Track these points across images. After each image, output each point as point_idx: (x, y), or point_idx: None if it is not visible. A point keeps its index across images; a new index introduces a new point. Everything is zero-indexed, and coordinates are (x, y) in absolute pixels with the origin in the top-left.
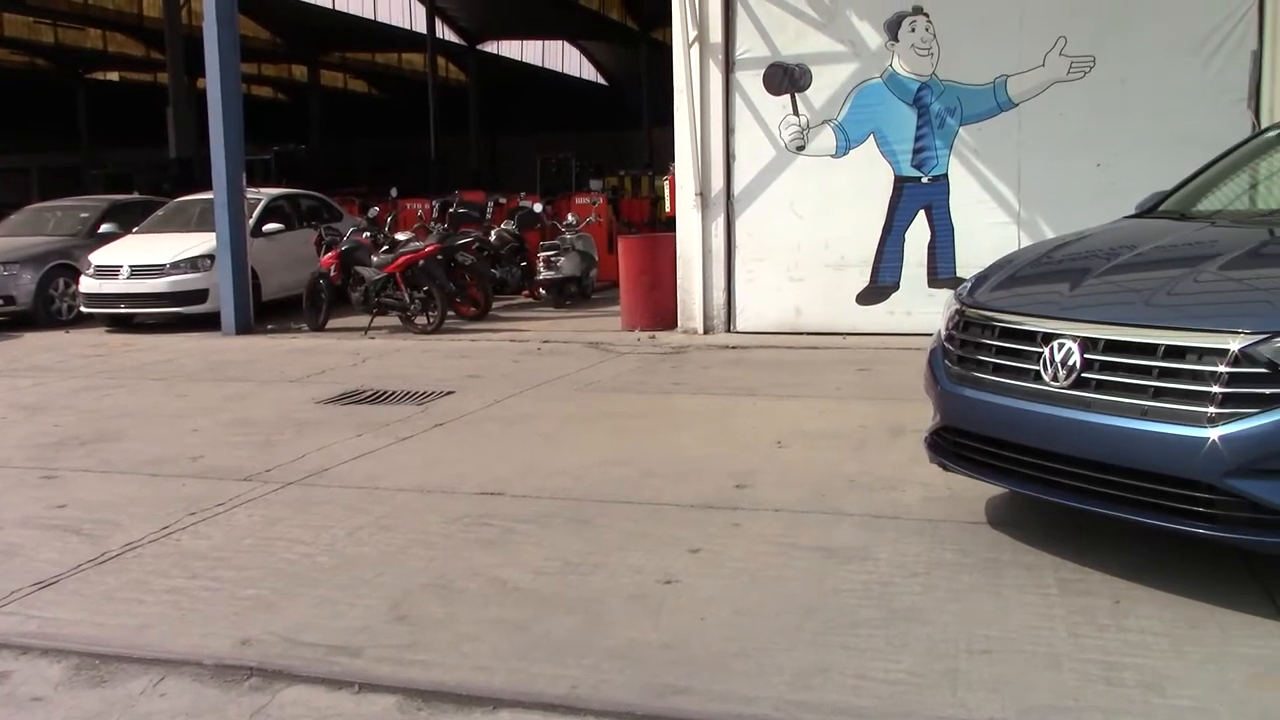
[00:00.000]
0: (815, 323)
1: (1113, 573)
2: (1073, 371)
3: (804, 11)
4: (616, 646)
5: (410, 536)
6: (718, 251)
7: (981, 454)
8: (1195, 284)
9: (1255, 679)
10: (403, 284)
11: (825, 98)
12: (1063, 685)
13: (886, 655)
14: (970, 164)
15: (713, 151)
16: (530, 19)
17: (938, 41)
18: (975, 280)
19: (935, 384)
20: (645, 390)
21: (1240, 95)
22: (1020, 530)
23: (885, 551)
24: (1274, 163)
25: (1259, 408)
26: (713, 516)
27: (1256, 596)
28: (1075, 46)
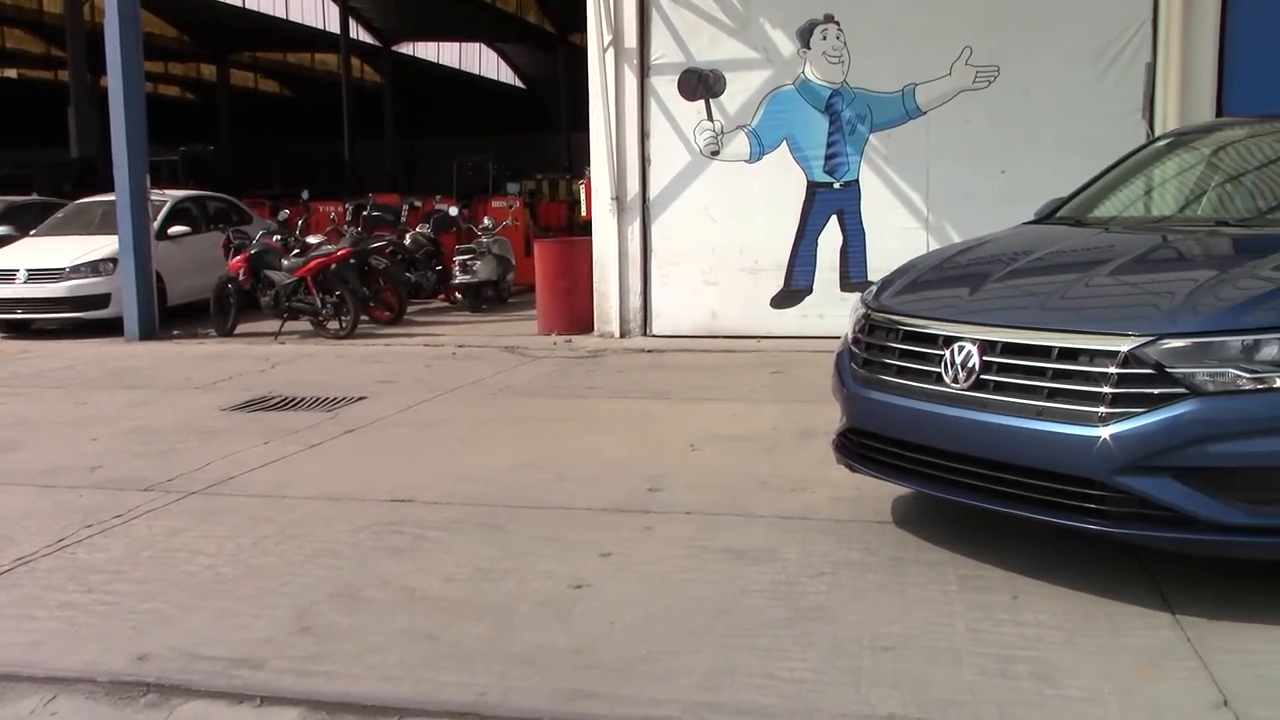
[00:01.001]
0: (730, 326)
1: (1011, 569)
2: (972, 373)
3: (718, 18)
4: (526, 652)
5: (317, 545)
6: (634, 255)
7: (886, 455)
8: (1087, 288)
9: (1141, 669)
10: (314, 288)
11: (739, 104)
12: (961, 679)
13: (793, 654)
14: (880, 170)
15: (628, 156)
16: (446, 21)
17: (849, 49)
18: (880, 285)
19: (842, 387)
20: (560, 394)
21: (1136, 106)
22: (924, 529)
23: (794, 552)
24: (1165, 171)
25: (1146, 407)
26: (625, 520)
27: (1145, 589)
28: (980, 57)
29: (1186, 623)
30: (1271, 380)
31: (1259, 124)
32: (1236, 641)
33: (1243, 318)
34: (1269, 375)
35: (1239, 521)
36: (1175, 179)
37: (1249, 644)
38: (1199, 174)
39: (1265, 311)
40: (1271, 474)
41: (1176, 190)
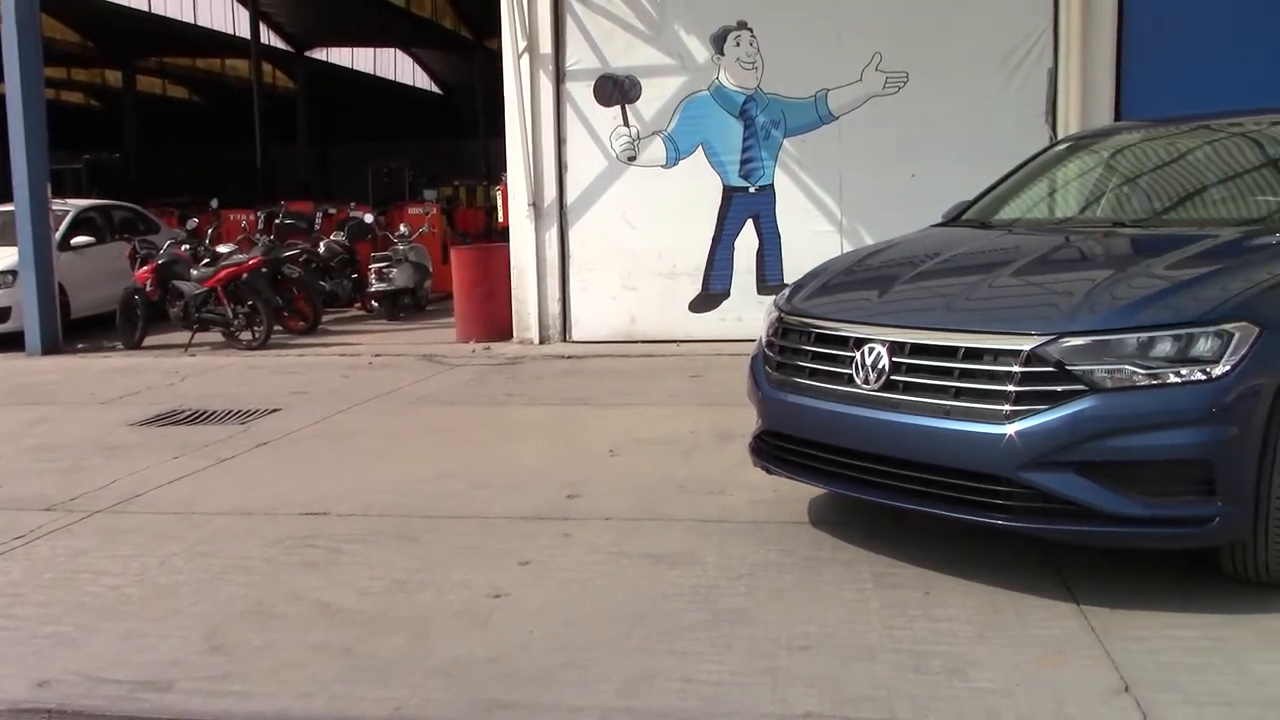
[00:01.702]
0: (650, 331)
1: (924, 565)
2: (882, 374)
3: (633, 24)
4: (443, 664)
5: (228, 562)
6: (552, 261)
7: (801, 456)
8: (991, 289)
9: (1046, 659)
10: (225, 298)
11: (655, 109)
12: (876, 676)
13: (711, 657)
14: (795, 174)
15: (545, 162)
16: (361, 26)
17: (761, 56)
18: (793, 288)
19: (756, 389)
20: (479, 402)
21: (1039, 110)
22: (840, 529)
23: (712, 555)
24: (1065, 174)
25: (1049, 404)
26: (544, 527)
27: (1051, 581)
28: (890, 62)
29: (1090, 612)
30: (1165, 376)
31: (1153, 128)
32: (1136, 629)
33: (1138, 315)
34: (1163, 371)
35: (1135, 513)
36: (1075, 181)
37: (1148, 631)
38: (1097, 176)
39: (1159, 309)
40: (1165, 466)
41: (1076, 192)
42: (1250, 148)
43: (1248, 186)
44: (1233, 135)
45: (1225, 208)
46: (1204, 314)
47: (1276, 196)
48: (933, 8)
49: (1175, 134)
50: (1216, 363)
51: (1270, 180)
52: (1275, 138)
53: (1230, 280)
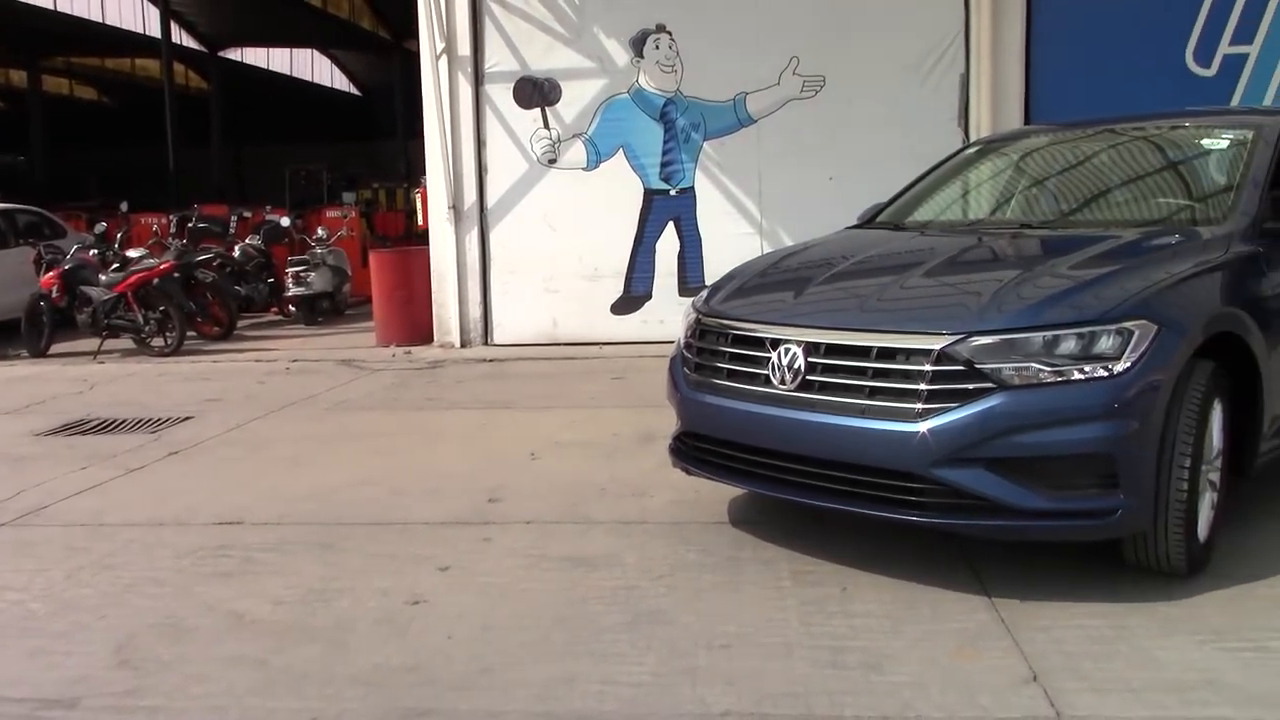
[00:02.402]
0: (572, 333)
1: (842, 562)
2: (798, 375)
3: (552, 27)
4: (360, 673)
5: (138, 574)
6: (473, 265)
7: (720, 457)
8: (902, 290)
9: (960, 651)
10: (135, 304)
11: (575, 112)
12: (794, 673)
13: (631, 659)
14: (715, 177)
15: (465, 164)
16: (276, 26)
17: (681, 59)
18: (710, 290)
19: (675, 391)
20: (398, 407)
21: (953, 114)
22: (760, 528)
23: (633, 557)
24: (976, 176)
25: (959, 402)
26: (464, 533)
27: (965, 575)
28: (807, 66)
29: (1001, 605)
30: (1070, 373)
31: (1060, 131)
32: (1045, 619)
33: (1043, 314)
34: (1067, 368)
35: (1043, 507)
36: (985, 184)
37: (1056, 621)
38: (1007, 179)
39: (1063, 308)
40: (1070, 461)
41: (987, 194)
42: (1151, 151)
43: (1149, 189)
44: (1135, 139)
45: (1127, 209)
46: (1105, 313)
47: (1175, 198)
48: (848, 14)
49: (1081, 137)
50: (1118, 360)
51: (1170, 182)
52: (1174, 141)
53: (1130, 280)
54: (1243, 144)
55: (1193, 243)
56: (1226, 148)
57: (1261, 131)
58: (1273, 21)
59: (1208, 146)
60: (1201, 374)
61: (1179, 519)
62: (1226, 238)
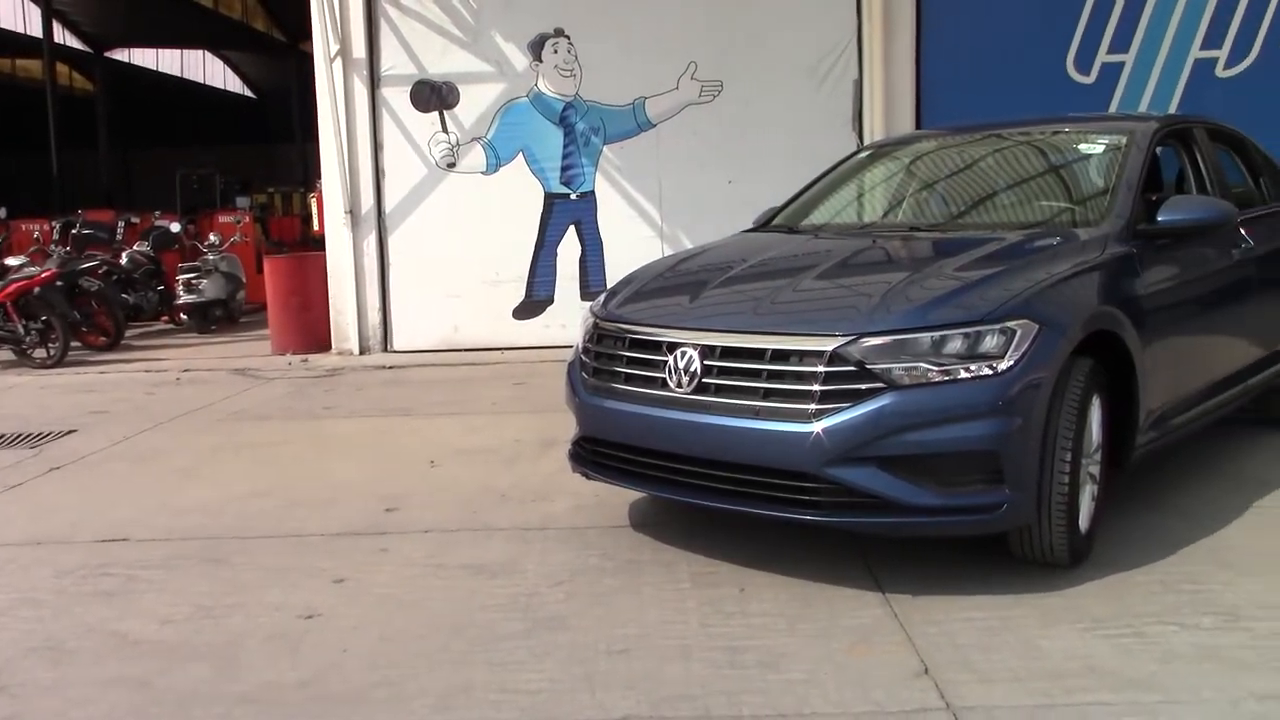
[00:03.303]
0: (474, 339)
1: (741, 563)
2: (694, 377)
3: (449, 30)
4: (250, 691)
5: (14, 596)
6: (371, 270)
7: (619, 461)
8: (795, 293)
9: (854, 647)
10: (15, 314)
11: (475, 116)
12: (692, 674)
13: (529, 666)
14: (616, 181)
15: (361, 168)
16: (165, 27)
17: (580, 63)
18: (608, 294)
19: (574, 396)
20: (294, 416)
21: (847, 118)
22: (660, 530)
23: (533, 563)
24: (868, 180)
25: (851, 402)
26: (360, 543)
27: (860, 573)
28: (705, 71)
29: (894, 600)
30: (956, 372)
31: (948, 136)
32: (936, 614)
33: (930, 315)
34: (954, 367)
35: (932, 503)
36: (876, 187)
37: (947, 614)
38: (898, 182)
39: (951, 308)
40: (957, 458)
41: (878, 198)
42: (1034, 155)
43: (1031, 192)
44: (1019, 143)
45: (1012, 212)
46: (990, 313)
47: (1056, 201)
48: (744, 20)
49: (968, 142)
50: (1001, 358)
51: (1051, 186)
52: (1055, 146)
53: (1013, 280)
54: (1117, 149)
55: (1072, 244)
56: (1102, 152)
57: (1134, 137)
58: (1147, 31)
59: (1085, 151)
60: (1081, 371)
61: (1061, 512)
62: (1103, 239)
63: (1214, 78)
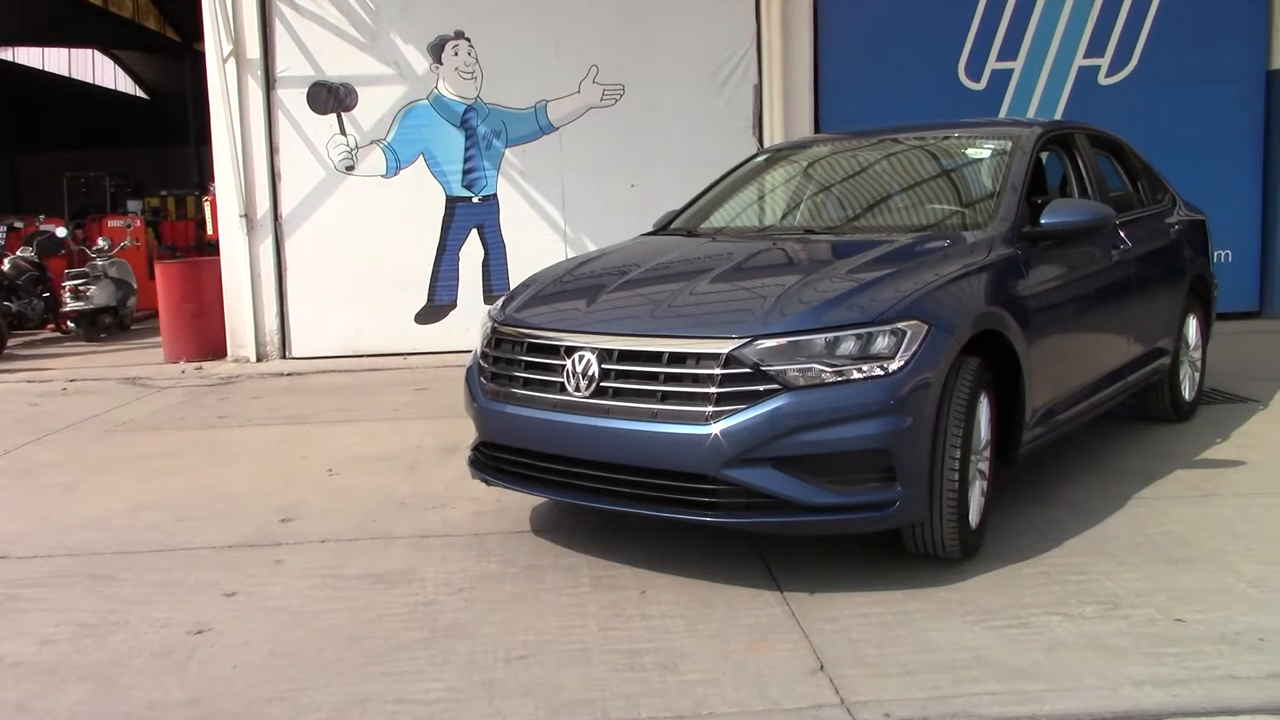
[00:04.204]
0: (375, 344)
1: (642, 566)
2: (593, 381)
3: (347, 31)
4: (134, 711)
5: None
6: (268, 275)
7: (519, 466)
8: (692, 296)
9: (752, 645)
10: None
11: (374, 118)
12: (591, 678)
13: (428, 675)
14: (518, 184)
15: (257, 171)
16: (51, 25)
17: (480, 66)
18: (506, 299)
19: (473, 401)
20: (187, 426)
21: (747, 123)
22: (562, 535)
23: (432, 571)
24: (765, 184)
25: (747, 404)
26: (253, 555)
27: (758, 571)
28: (607, 75)
29: (792, 598)
30: (849, 373)
31: (843, 140)
32: (832, 610)
33: (823, 317)
34: (847, 368)
35: (827, 502)
36: (773, 191)
37: (843, 611)
38: (795, 186)
39: (843, 310)
40: (851, 457)
41: (775, 201)
42: (926, 159)
43: (923, 195)
44: (911, 148)
45: (904, 215)
46: (880, 314)
47: (946, 204)
48: (646, 24)
49: (862, 146)
50: (892, 358)
51: (941, 189)
52: (946, 150)
53: (903, 282)
54: (1003, 153)
55: (959, 246)
56: (989, 157)
57: (1019, 142)
58: (1033, 40)
59: (973, 156)
60: (969, 370)
61: (952, 508)
62: (989, 241)
63: (1097, 85)
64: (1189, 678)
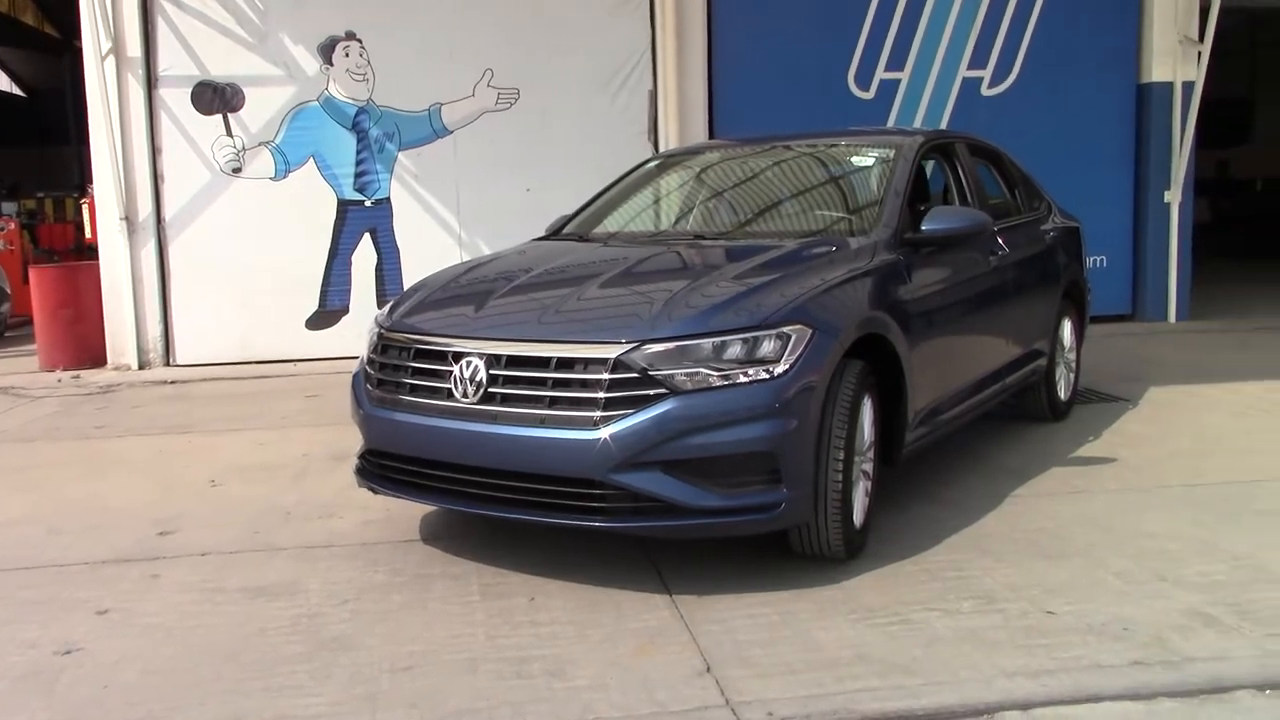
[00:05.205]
0: (264, 351)
1: (531, 572)
2: (480, 387)
3: (233, 30)
4: None
5: None
6: (150, 280)
7: (406, 474)
8: (580, 301)
9: (640, 650)
10: None
11: (262, 120)
12: (477, 687)
13: (309, 690)
14: (412, 188)
15: (138, 172)
16: None
17: (372, 67)
18: (393, 304)
19: (359, 408)
20: (63, 437)
21: (643, 128)
22: (451, 543)
23: (317, 582)
24: (657, 189)
25: (635, 408)
26: (128, 570)
27: (648, 575)
28: (502, 78)
29: (681, 602)
30: (736, 376)
31: (735, 147)
32: (719, 612)
33: (710, 321)
34: (733, 372)
35: (715, 505)
36: (665, 197)
37: (729, 613)
38: (686, 192)
39: (730, 315)
40: (738, 459)
41: (667, 207)
42: (815, 166)
43: (810, 201)
44: (801, 155)
45: (792, 221)
46: (766, 318)
47: (832, 211)
48: (541, 27)
49: (753, 153)
50: (777, 362)
51: (828, 196)
52: (834, 158)
53: (789, 286)
54: (886, 161)
55: (844, 252)
56: (873, 165)
57: (901, 150)
58: (920, 51)
59: (858, 164)
60: (852, 373)
61: (836, 508)
62: (873, 247)
63: (980, 96)
64: (1057, 668)
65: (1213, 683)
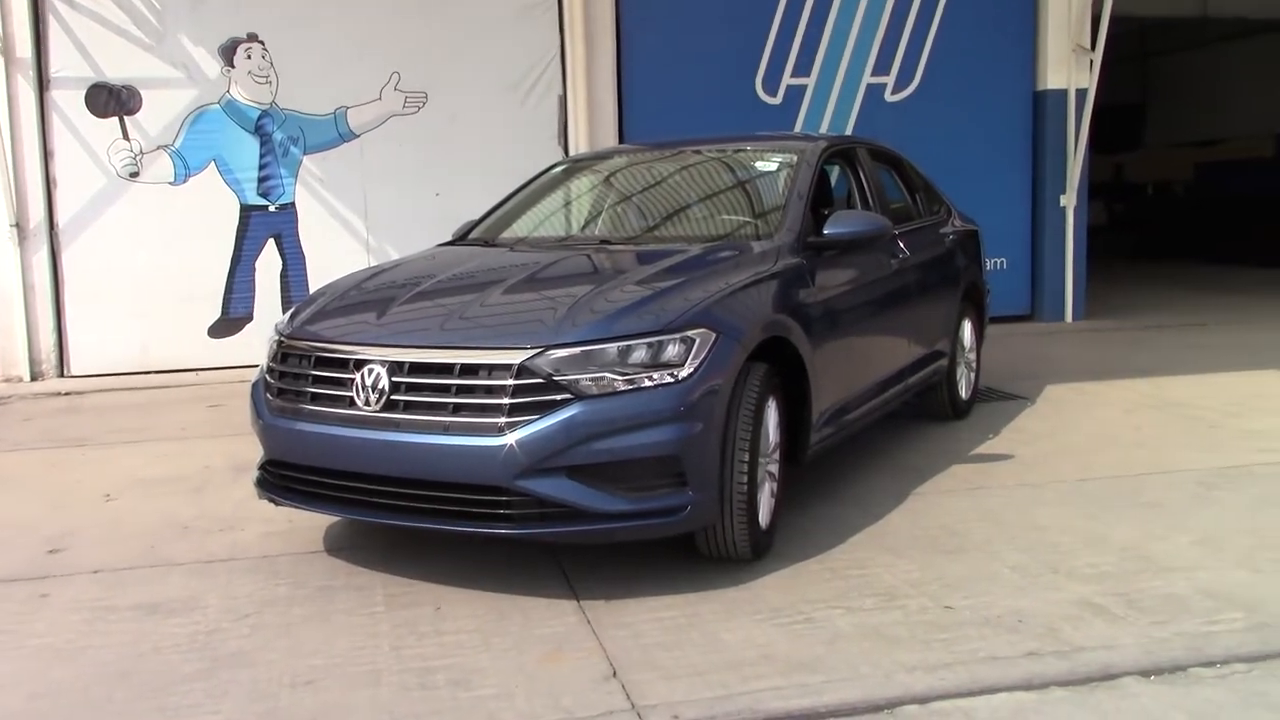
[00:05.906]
0: (164, 360)
1: (438, 581)
2: (383, 395)
3: (129, 31)
4: None
5: None
6: (42, 288)
7: (308, 484)
8: (483, 307)
9: (547, 656)
10: None
11: (161, 123)
12: (380, 700)
13: (205, 708)
14: (317, 193)
15: (29, 177)
16: None
17: (276, 70)
18: (294, 311)
19: (258, 418)
20: None
21: (553, 133)
22: (356, 554)
23: (215, 597)
24: (564, 194)
25: (539, 414)
26: (15, 591)
27: (557, 582)
28: (409, 82)
29: (588, 607)
30: (641, 381)
31: (642, 152)
32: (626, 617)
33: (614, 326)
34: (638, 376)
35: (621, 509)
36: (572, 201)
37: (635, 617)
38: (593, 197)
39: (633, 319)
40: (644, 463)
41: (573, 211)
42: (721, 171)
43: (716, 206)
44: (707, 160)
45: (698, 225)
46: (670, 322)
47: (737, 215)
48: (448, 30)
49: (660, 158)
50: (682, 366)
51: (734, 200)
52: (739, 162)
53: (693, 290)
54: (790, 166)
55: (748, 256)
56: (776, 169)
57: (804, 155)
58: (825, 57)
59: (762, 169)
60: (756, 376)
61: (742, 510)
62: (776, 251)
63: (884, 102)
64: (955, 661)
65: (1102, 670)
